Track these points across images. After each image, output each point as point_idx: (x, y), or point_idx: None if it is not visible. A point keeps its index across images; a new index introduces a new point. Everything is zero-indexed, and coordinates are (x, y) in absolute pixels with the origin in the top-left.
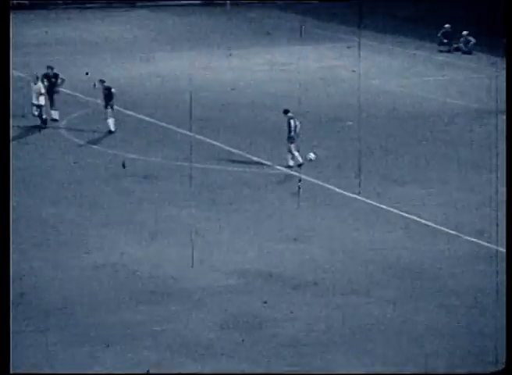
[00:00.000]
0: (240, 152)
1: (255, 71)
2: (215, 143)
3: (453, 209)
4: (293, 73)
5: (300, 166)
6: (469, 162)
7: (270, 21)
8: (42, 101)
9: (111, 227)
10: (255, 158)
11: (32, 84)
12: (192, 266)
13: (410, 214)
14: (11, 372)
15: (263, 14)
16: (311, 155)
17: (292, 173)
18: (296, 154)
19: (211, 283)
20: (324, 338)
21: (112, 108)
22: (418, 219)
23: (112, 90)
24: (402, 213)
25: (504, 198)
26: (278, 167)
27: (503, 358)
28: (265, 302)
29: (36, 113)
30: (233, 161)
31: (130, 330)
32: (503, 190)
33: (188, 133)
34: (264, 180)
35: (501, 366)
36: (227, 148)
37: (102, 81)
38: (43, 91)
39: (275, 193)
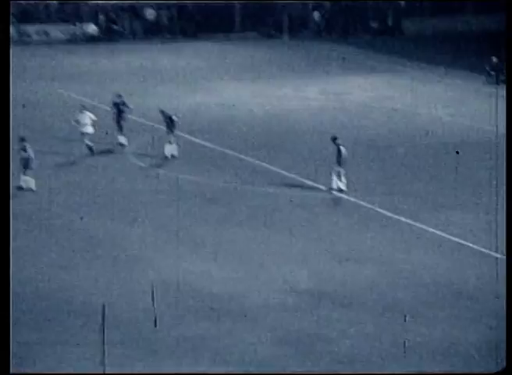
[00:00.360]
0: (295, 176)
1: (310, 100)
2: (271, 167)
3: (500, 234)
4: (347, 102)
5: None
6: None
7: (325, 53)
8: (90, 130)
9: (174, 246)
10: (309, 182)
11: (80, 114)
12: (248, 284)
13: (457, 237)
14: (11, 372)
15: (319, 46)
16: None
17: (344, 196)
18: (334, 179)
19: (266, 301)
20: (375, 356)
21: (173, 135)
22: (465, 242)
23: (173, 117)
24: (449, 237)
25: None
26: (331, 191)
27: None
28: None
29: (86, 142)
30: (288, 184)
31: (190, 344)
32: None
33: (246, 158)
34: (318, 202)
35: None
36: (283, 172)
37: (162, 111)
38: (90, 120)
39: (328, 215)
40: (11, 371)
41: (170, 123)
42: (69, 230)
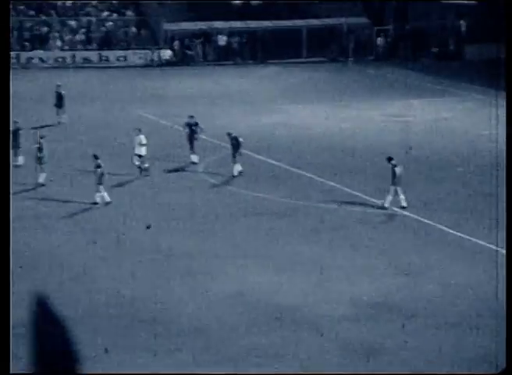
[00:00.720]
0: (357, 193)
1: (372, 121)
2: (333, 184)
3: None
4: (408, 124)
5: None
6: None
7: (388, 76)
8: (143, 151)
9: (242, 259)
10: (372, 200)
11: (134, 136)
12: (314, 296)
13: None
14: (11, 372)
15: (382, 70)
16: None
17: (406, 213)
18: (389, 198)
19: (330, 312)
20: (438, 366)
21: (239, 155)
22: None
23: (240, 139)
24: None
25: None
26: (393, 208)
27: None
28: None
29: (136, 163)
30: (352, 202)
31: (257, 352)
32: None
33: (310, 175)
34: (380, 219)
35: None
36: (345, 189)
37: (229, 134)
38: (144, 142)
39: (389, 231)
40: (11, 371)
41: (236, 144)
42: (142, 242)
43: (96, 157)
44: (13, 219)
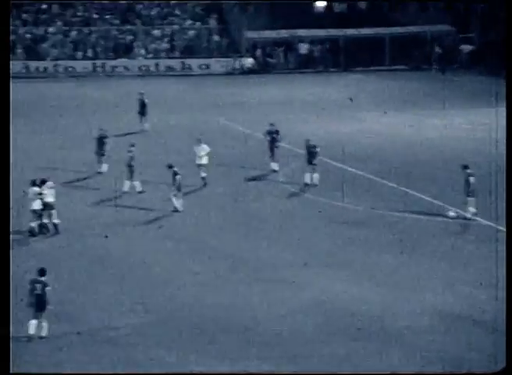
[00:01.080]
0: (440, 203)
1: (457, 129)
2: (416, 194)
3: None
4: (493, 132)
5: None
6: None
7: (474, 85)
8: (204, 160)
9: (322, 268)
10: (455, 209)
11: (197, 146)
12: (395, 307)
13: None
14: (11, 372)
15: (466, 78)
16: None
17: (489, 223)
18: (471, 210)
19: (411, 323)
20: None
21: (314, 163)
22: None
23: (317, 149)
24: None
25: None
26: (478, 218)
27: None
28: None
29: (201, 174)
30: (433, 212)
31: (337, 363)
32: None
33: (392, 184)
34: (461, 229)
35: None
36: (428, 199)
37: (308, 140)
38: (203, 152)
39: (472, 241)
40: (11, 371)
41: (313, 152)
42: (223, 250)
43: (170, 166)
44: (97, 225)
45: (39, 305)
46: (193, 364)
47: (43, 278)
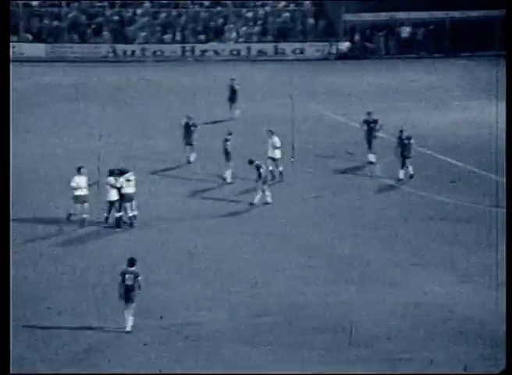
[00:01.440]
0: None
1: None
2: None
3: None
4: None
5: None
6: None
7: None
8: (278, 154)
9: (422, 267)
10: None
11: (268, 138)
12: (500, 310)
13: None
14: (11, 372)
15: None
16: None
17: None
18: None
19: None
20: None
21: (408, 157)
22: None
23: (411, 141)
24: None
25: None
26: None
27: None
28: None
29: (270, 168)
30: None
31: (434, 368)
32: None
33: (497, 178)
34: None
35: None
36: None
37: (401, 131)
38: (278, 144)
39: None
40: (11, 371)
41: (407, 143)
42: (316, 246)
43: (251, 161)
44: (184, 217)
45: (128, 296)
46: (286, 363)
47: (133, 268)
